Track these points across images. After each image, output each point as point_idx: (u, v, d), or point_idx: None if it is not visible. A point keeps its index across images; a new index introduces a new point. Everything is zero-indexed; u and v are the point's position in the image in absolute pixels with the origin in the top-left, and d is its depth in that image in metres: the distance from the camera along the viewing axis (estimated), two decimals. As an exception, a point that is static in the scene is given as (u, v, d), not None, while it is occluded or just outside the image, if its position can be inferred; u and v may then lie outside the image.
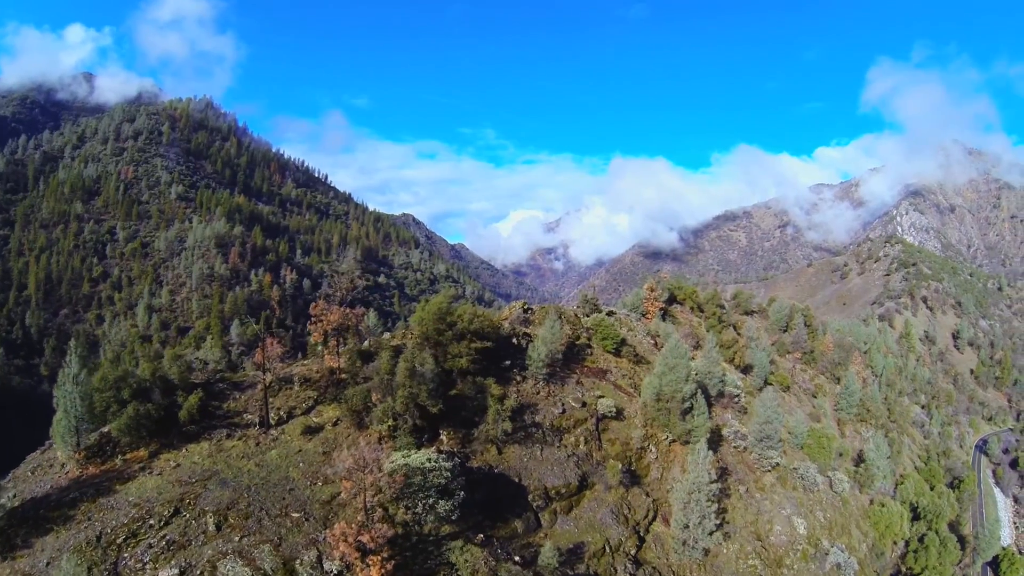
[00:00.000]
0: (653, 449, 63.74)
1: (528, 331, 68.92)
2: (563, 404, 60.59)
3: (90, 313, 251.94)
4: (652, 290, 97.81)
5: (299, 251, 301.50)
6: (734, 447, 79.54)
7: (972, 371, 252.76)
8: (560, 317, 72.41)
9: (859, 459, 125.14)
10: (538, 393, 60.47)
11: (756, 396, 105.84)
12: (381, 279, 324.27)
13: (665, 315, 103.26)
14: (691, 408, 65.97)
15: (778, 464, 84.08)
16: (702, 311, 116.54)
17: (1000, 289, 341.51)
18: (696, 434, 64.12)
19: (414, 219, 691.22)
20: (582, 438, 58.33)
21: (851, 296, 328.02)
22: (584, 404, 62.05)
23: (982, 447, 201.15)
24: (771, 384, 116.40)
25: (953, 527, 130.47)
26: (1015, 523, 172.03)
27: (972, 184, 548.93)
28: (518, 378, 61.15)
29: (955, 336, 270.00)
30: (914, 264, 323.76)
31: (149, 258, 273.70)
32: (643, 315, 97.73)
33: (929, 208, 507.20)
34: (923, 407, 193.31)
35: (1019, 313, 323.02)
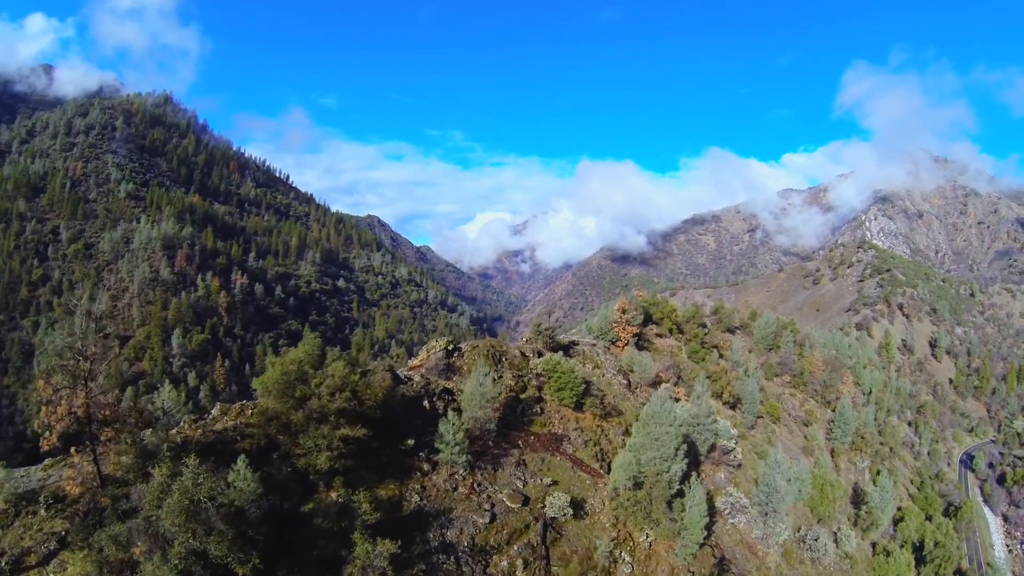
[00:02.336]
0: (627, 559, 42.38)
1: (450, 385, 47.29)
2: (493, 505, 38.93)
3: (27, 320, 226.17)
4: (623, 311, 76.46)
5: (255, 254, 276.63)
6: (732, 523, 59.43)
7: (951, 380, 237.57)
8: (499, 361, 51.21)
9: (856, 496, 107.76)
10: (455, 489, 38.72)
11: (748, 438, 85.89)
12: (341, 283, 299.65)
13: (640, 340, 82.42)
14: (682, 493, 45.26)
15: (785, 538, 64.39)
16: (682, 332, 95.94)
17: (972, 295, 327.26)
18: (690, 536, 43.24)
19: (379, 221, 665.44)
20: (520, 560, 36.73)
21: (824, 302, 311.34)
22: (526, 500, 40.48)
23: (967, 462, 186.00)
24: (762, 417, 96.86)
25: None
26: (1007, 545, 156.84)
27: (939, 190, 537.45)
28: (426, 466, 39.35)
29: (932, 344, 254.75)
30: (888, 270, 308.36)
31: (92, 260, 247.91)
32: (612, 342, 76.58)
33: (897, 214, 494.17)
34: (910, 424, 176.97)
35: (992, 319, 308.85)
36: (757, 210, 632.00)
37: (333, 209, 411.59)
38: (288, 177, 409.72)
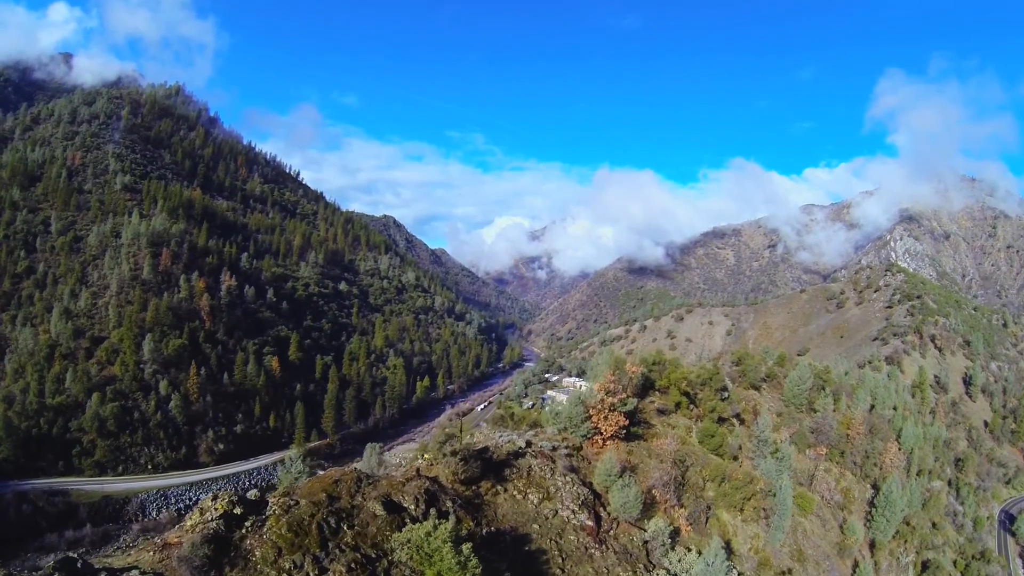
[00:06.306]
0: None
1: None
2: None
3: (6, 313, 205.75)
4: (608, 392, 50.83)
5: (253, 253, 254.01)
6: None
7: (986, 423, 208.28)
8: (337, 532, 26.65)
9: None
10: None
11: (771, 566, 60.50)
12: (342, 286, 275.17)
13: (634, 422, 57.07)
14: None
15: None
16: (694, 402, 70.32)
17: (1005, 325, 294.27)
18: None
19: (395, 221, 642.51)
20: None
21: (849, 329, 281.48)
22: None
23: (1006, 524, 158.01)
24: (792, 516, 71.15)
25: None
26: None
27: (967, 211, 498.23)
28: None
29: (966, 381, 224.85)
30: (918, 296, 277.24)
31: (80, 254, 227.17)
32: (587, 437, 51.22)
33: (924, 234, 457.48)
34: (949, 484, 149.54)
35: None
36: (779, 225, 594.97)
37: (348, 208, 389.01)
38: (298, 174, 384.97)
